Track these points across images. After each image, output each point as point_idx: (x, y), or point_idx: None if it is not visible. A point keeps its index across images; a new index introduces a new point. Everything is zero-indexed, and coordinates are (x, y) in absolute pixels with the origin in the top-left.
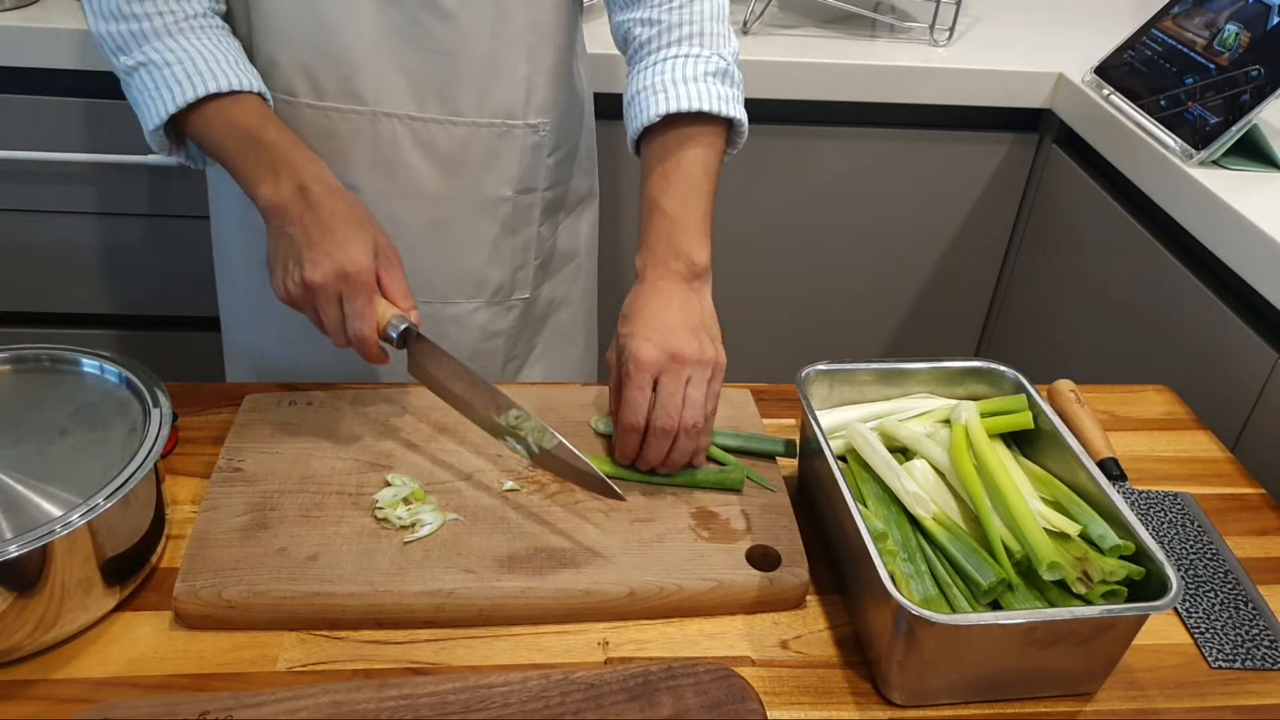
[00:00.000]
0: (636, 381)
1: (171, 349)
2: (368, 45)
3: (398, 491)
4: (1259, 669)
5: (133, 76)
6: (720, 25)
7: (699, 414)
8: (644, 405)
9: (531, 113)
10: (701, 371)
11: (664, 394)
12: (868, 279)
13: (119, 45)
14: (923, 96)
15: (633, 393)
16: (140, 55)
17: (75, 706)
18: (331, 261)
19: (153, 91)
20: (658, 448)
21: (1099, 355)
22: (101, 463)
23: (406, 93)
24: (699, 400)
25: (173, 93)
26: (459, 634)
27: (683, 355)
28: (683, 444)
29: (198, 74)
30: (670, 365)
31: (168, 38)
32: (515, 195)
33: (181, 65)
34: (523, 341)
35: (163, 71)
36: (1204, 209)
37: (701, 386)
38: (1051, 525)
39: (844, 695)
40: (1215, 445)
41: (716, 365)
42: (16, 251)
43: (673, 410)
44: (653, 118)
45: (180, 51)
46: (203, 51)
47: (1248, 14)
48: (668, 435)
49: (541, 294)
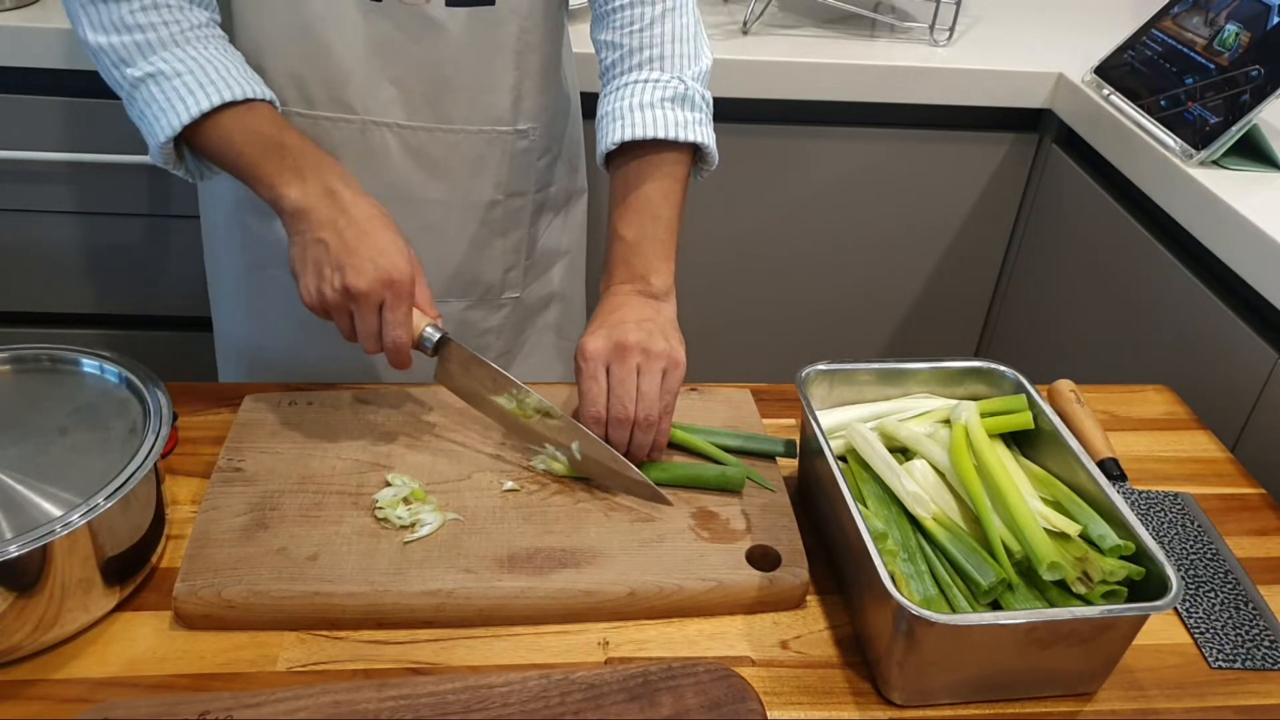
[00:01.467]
0: (587, 372)
1: (171, 349)
2: (357, 55)
3: (398, 491)
4: (1259, 669)
5: (139, 89)
6: (684, 46)
7: (651, 407)
8: (599, 395)
9: (520, 119)
10: (651, 362)
11: (614, 382)
12: (868, 279)
13: (122, 58)
14: (923, 96)
15: (586, 383)
16: (148, 66)
17: (75, 706)
18: (376, 269)
19: (163, 103)
20: (618, 438)
21: (1099, 355)
22: (101, 463)
23: (395, 101)
24: (650, 392)
25: (185, 103)
26: (459, 634)
27: (627, 343)
28: (639, 437)
29: (210, 83)
30: (617, 353)
31: (175, 48)
32: (505, 199)
33: (192, 75)
34: (514, 337)
35: (173, 82)
36: (1204, 209)
37: (653, 378)
38: (1051, 525)
39: (844, 695)
40: (1215, 445)
41: (671, 360)
42: (16, 251)
43: (625, 399)
44: (610, 145)
45: (190, 61)
46: (212, 60)
47: (1248, 14)
48: (624, 425)
49: (532, 291)
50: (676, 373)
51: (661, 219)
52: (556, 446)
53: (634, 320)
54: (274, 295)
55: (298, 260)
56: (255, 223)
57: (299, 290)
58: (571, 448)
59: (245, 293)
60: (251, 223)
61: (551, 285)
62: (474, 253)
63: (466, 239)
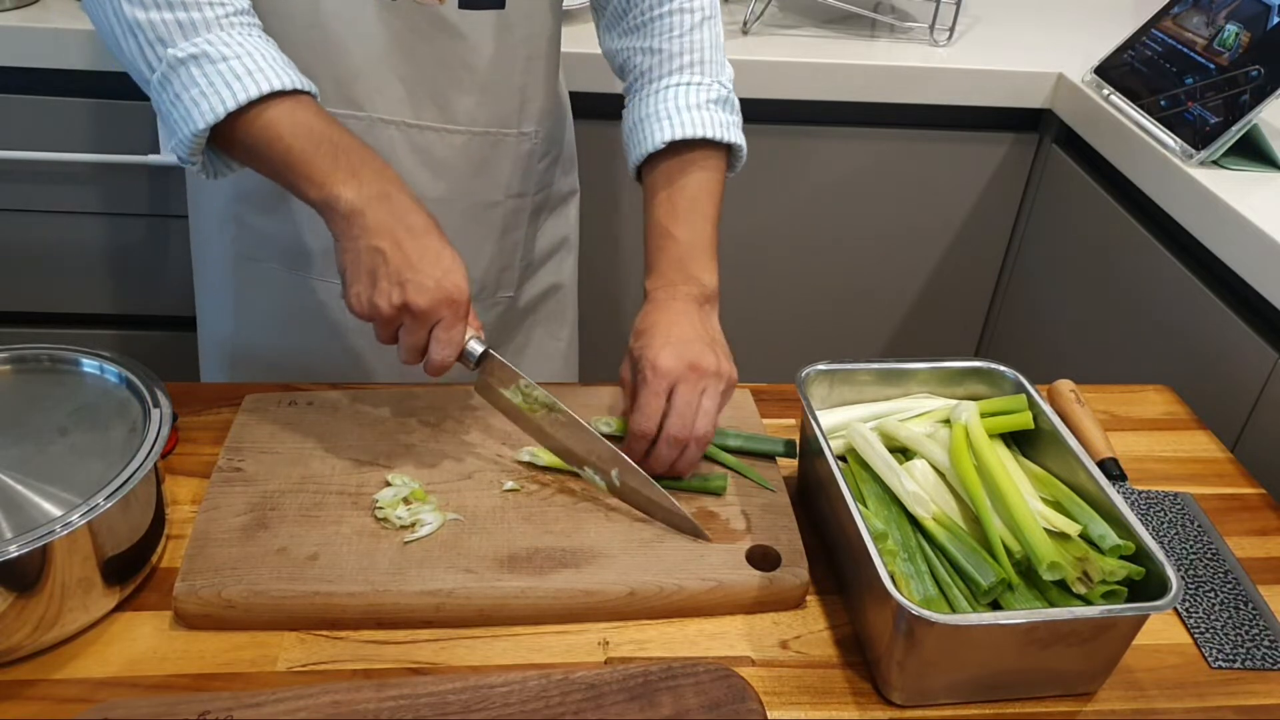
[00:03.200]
0: (654, 388)
1: (171, 349)
2: (369, 53)
3: (398, 491)
4: (1259, 669)
5: (179, 70)
6: (718, 54)
7: (709, 424)
8: (658, 413)
9: (526, 121)
10: (717, 384)
11: (680, 403)
12: (868, 279)
13: (160, 36)
14: (923, 96)
15: (649, 398)
16: (192, 47)
17: (75, 706)
18: (439, 289)
19: (204, 87)
20: (666, 455)
21: (1099, 355)
22: (101, 463)
23: (404, 100)
24: (712, 410)
25: (232, 88)
26: (459, 634)
27: (701, 366)
28: (692, 452)
29: (259, 69)
30: (688, 375)
31: (219, 30)
32: (505, 200)
33: (239, 60)
34: (504, 335)
35: (218, 65)
36: (1204, 209)
37: (715, 398)
38: (1051, 525)
39: (844, 695)
40: (1215, 445)
41: (730, 380)
42: (16, 251)
43: (688, 419)
44: (657, 144)
45: (236, 46)
46: (259, 48)
47: (1248, 14)
48: (679, 444)
49: (525, 290)
50: (731, 391)
51: (710, 219)
52: (595, 470)
53: (699, 339)
54: (262, 288)
55: (350, 266)
56: (251, 215)
57: (347, 295)
58: (611, 474)
59: (232, 286)
60: (247, 215)
61: (543, 284)
62: (472, 252)
63: (467, 238)
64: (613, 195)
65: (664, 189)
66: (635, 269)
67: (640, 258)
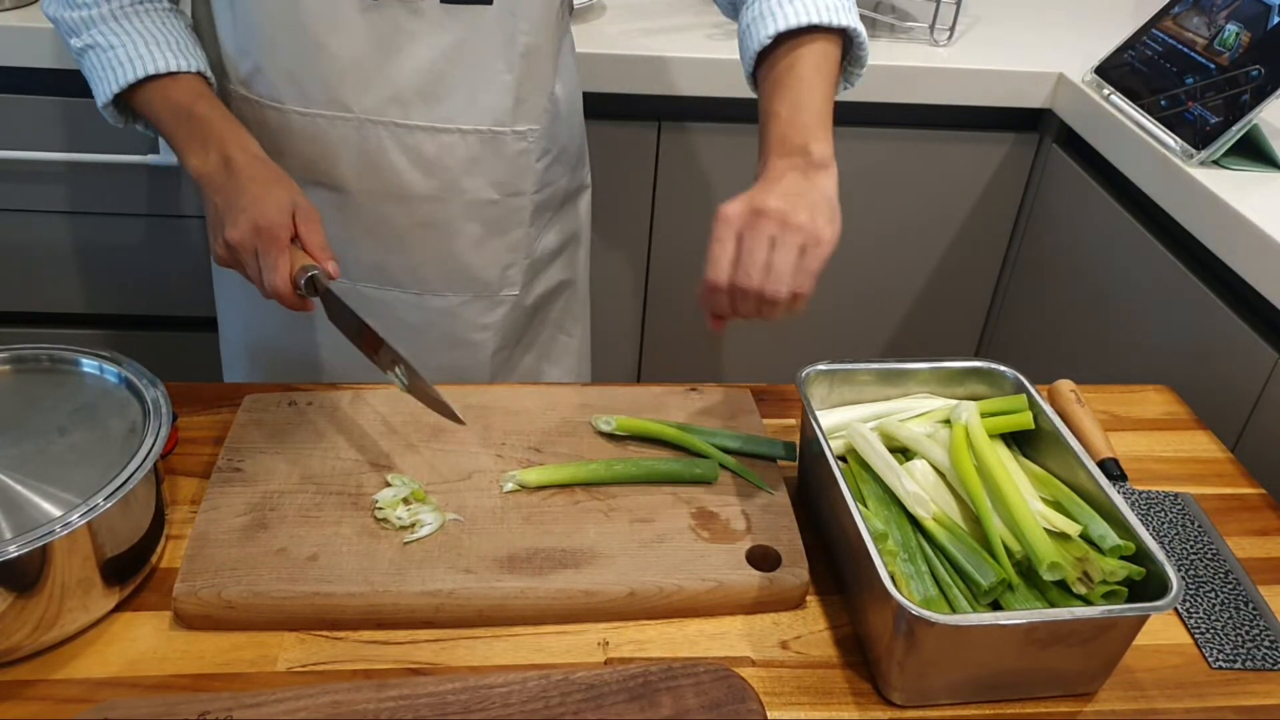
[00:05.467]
0: (717, 235)
1: (171, 349)
2: (353, 54)
3: (398, 491)
4: (1259, 669)
5: (83, 57)
6: None
7: (779, 283)
8: (724, 260)
9: (520, 120)
10: (789, 234)
11: (744, 251)
12: (868, 279)
13: (70, 28)
14: (923, 96)
15: (714, 247)
16: (87, 38)
17: (75, 706)
18: (247, 219)
19: (100, 72)
20: (743, 305)
21: (1099, 355)
22: (101, 463)
23: (391, 101)
24: (781, 267)
25: (115, 74)
26: (459, 634)
27: (766, 209)
28: (766, 311)
29: (138, 57)
30: (753, 220)
31: (113, 22)
32: (502, 199)
33: (124, 48)
34: (513, 334)
35: (106, 54)
36: (1204, 209)
37: (787, 252)
38: (1052, 525)
39: (844, 695)
40: (1215, 445)
41: (811, 236)
42: (16, 251)
43: (751, 269)
44: (764, 40)
45: (123, 35)
46: (144, 35)
47: (1248, 14)
48: (746, 296)
49: (533, 289)
50: (818, 250)
51: (817, 90)
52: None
53: (781, 191)
54: None
55: (208, 224)
56: None
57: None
58: (395, 370)
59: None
60: None
61: (552, 282)
62: (471, 250)
63: (463, 235)
64: (624, 193)
65: (772, 76)
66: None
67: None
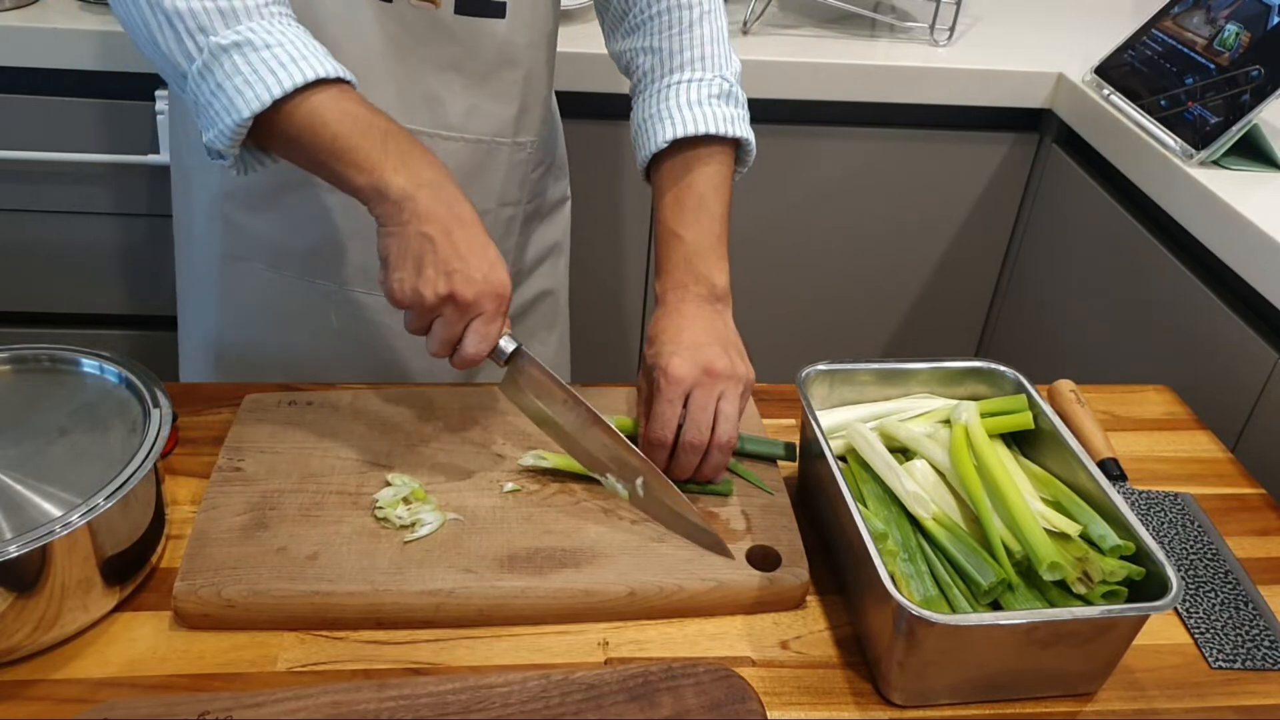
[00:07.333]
0: (667, 395)
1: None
2: (363, 55)
3: (398, 491)
4: (1259, 669)
5: (222, 58)
6: (720, 47)
7: (732, 428)
8: (674, 420)
9: (522, 131)
10: (734, 387)
11: (695, 409)
12: (868, 279)
13: (202, 25)
14: (923, 96)
15: (663, 407)
16: (235, 35)
17: (75, 706)
18: (486, 284)
19: (248, 75)
20: (686, 462)
21: (1099, 355)
22: (101, 463)
23: (394, 103)
24: (732, 414)
25: (276, 75)
26: (459, 634)
27: (715, 370)
28: (715, 458)
29: (303, 57)
30: (703, 380)
31: (260, 18)
32: (497, 208)
33: (283, 47)
34: None
35: (261, 53)
36: (1204, 209)
37: (734, 401)
38: (1052, 525)
39: (844, 695)
40: (1215, 445)
41: (747, 381)
42: (17, 251)
43: (703, 425)
44: (660, 144)
45: (279, 34)
46: (300, 36)
47: (1248, 14)
48: (697, 450)
49: (515, 297)
50: (749, 391)
51: (717, 216)
52: (618, 479)
53: (713, 342)
54: (247, 288)
55: (395, 252)
56: (239, 214)
57: (388, 281)
58: (635, 483)
59: (216, 284)
60: (234, 213)
61: (533, 292)
62: None
63: None
64: (606, 197)
65: (670, 189)
66: (627, 271)
67: (635, 258)
